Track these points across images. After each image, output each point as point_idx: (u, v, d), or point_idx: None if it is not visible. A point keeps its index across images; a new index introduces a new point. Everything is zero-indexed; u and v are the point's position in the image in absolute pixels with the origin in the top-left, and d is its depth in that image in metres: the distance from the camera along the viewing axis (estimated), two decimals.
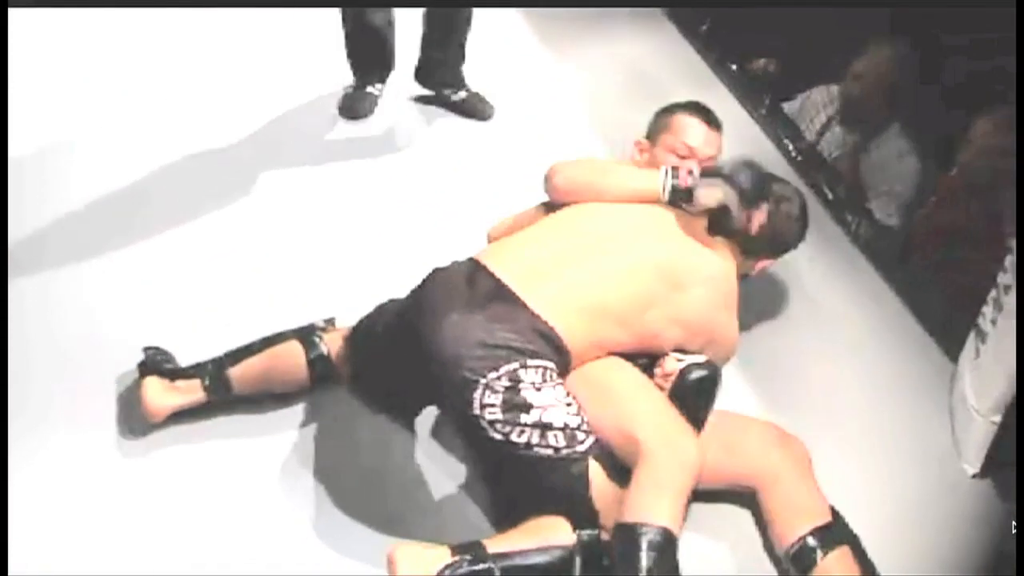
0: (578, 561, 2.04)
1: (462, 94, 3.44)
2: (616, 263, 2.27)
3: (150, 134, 3.32)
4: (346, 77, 3.45)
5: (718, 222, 2.38)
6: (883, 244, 3.04)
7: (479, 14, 3.52)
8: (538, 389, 2.07)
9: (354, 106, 3.40)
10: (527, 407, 2.06)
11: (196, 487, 2.25)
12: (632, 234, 2.34)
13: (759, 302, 2.77)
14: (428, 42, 3.37)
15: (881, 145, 3.23)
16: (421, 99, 3.51)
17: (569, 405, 2.10)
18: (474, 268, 2.24)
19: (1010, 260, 2.33)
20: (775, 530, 2.18)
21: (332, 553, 2.15)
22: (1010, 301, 2.31)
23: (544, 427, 2.06)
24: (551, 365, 2.12)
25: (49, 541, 2.11)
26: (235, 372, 2.36)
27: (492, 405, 2.06)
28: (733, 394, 2.53)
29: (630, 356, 2.28)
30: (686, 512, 2.06)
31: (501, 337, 2.10)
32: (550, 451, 2.06)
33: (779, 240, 2.52)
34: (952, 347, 2.65)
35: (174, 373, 2.36)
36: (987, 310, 2.42)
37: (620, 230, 2.34)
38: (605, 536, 2.06)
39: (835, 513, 2.17)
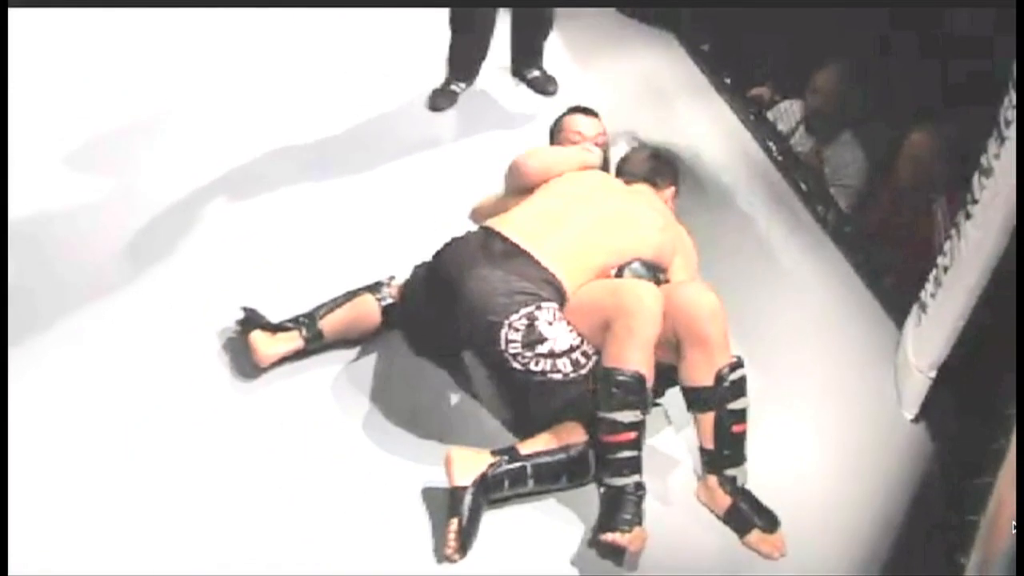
0: (591, 454, 2.19)
1: (535, 73, 3.62)
2: (594, 214, 2.45)
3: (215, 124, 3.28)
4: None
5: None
6: (846, 229, 3.11)
7: None
8: (550, 324, 2.22)
9: (438, 100, 3.51)
10: (542, 340, 2.20)
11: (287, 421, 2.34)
12: (594, 191, 2.53)
13: (741, 273, 2.87)
14: (516, 38, 3.59)
15: (836, 147, 3.29)
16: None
17: (571, 333, 2.24)
18: (488, 234, 2.40)
19: (949, 245, 2.41)
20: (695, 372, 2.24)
21: (393, 459, 2.26)
22: (948, 279, 2.39)
23: (555, 355, 2.20)
24: (556, 306, 2.27)
25: (173, 471, 2.17)
26: (325, 323, 2.48)
27: (515, 341, 2.21)
28: None
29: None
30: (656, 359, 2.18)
31: (519, 286, 2.25)
32: (559, 375, 2.21)
33: (664, 175, 2.73)
34: (898, 315, 2.74)
35: (275, 327, 2.46)
36: (928, 286, 2.49)
37: (586, 190, 2.53)
38: None
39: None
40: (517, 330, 2.21)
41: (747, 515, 2.18)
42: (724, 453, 2.22)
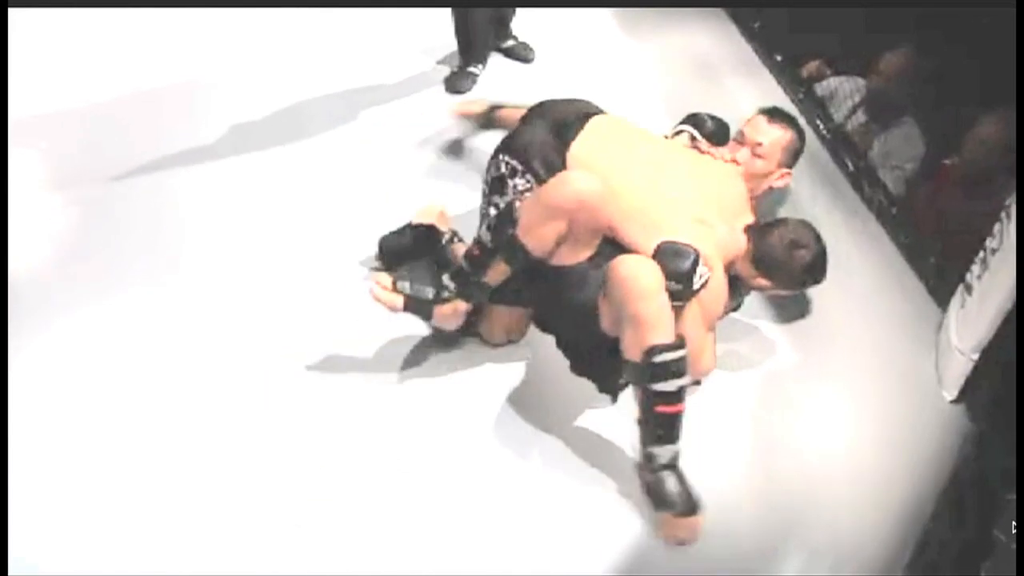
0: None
1: (510, 42, 3.52)
2: (655, 177, 2.28)
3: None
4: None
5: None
6: (891, 210, 2.96)
7: (579, 14, 3.49)
8: (518, 191, 2.30)
9: (457, 83, 3.37)
10: (502, 191, 2.33)
11: None
12: (688, 178, 2.34)
13: None
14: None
15: (895, 130, 3.12)
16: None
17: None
18: (582, 118, 2.38)
19: (998, 227, 2.28)
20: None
21: (398, 461, 2.14)
22: (995, 261, 2.26)
23: (500, 213, 2.24)
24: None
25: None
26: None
27: (489, 172, 2.40)
28: (760, 323, 2.56)
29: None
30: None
31: (532, 153, 2.33)
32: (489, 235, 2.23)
33: (776, 271, 2.33)
34: (942, 297, 2.60)
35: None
36: (975, 268, 2.37)
37: (684, 173, 2.35)
38: None
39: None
40: (497, 170, 2.35)
41: (660, 496, 2.03)
42: (647, 429, 2.04)
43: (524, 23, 3.54)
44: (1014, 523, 1.73)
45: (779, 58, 3.60)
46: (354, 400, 2.25)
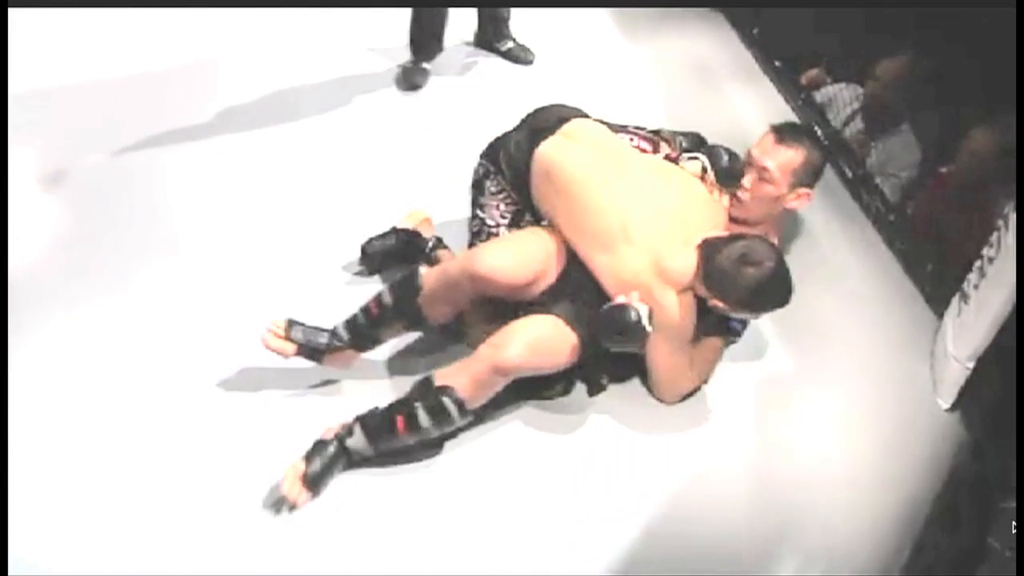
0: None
1: (509, 44, 3.49)
2: (626, 191, 2.18)
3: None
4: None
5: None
6: (888, 217, 2.96)
7: (575, 14, 3.46)
8: (491, 193, 2.38)
9: (412, 79, 3.33)
10: (481, 192, 2.40)
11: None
12: (656, 197, 2.22)
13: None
14: (482, 9, 3.47)
15: (892, 138, 3.11)
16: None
17: (503, 218, 2.32)
18: (560, 121, 2.33)
19: (996, 236, 2.28)
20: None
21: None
22: (992, 270, 2.26)
23: (481, 219, 2.38)
24: (512, 197, 2.35)
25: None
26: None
27: (476, 172, 2.45)
28: (757, 328, 2.53)
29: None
30: None
31: (503, 155, 2.34)
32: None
33: (723, 288, 2.10)
34: (938, 304, 2.61)
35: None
36: (972, 277, 2.37)
37: (651, 187, 2.23)
38: None
39: None
40: (477, 173, 2.43)
41: (314, 453, 2.02)
42: (379, 415, 2.04)
43: (522, 25, 3.54)
44: (1014, 523, 1.73)
45: (778, 64, 3.60)
46: (350, 401, 2.22)
